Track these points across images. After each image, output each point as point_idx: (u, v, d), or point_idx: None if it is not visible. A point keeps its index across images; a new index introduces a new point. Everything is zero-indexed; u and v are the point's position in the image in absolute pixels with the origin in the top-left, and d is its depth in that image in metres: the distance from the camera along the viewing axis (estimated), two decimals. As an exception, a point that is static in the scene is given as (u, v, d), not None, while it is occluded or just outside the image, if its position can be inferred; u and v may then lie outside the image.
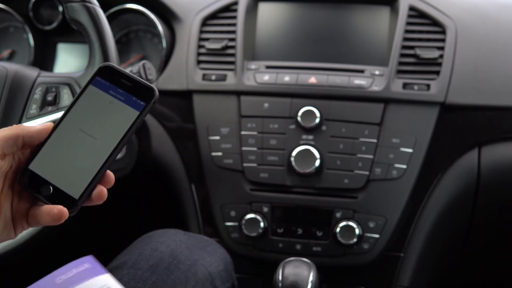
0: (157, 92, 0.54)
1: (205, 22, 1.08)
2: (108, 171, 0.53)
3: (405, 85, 0.98)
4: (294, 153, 0.96)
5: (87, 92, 0.54)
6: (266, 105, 1.00)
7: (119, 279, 0.68)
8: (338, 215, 0.97)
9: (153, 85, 0.54)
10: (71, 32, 1.15)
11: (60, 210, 0.50)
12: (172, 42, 1.11)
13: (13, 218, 0.51)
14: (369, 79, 0.99)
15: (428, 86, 0.98)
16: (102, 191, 0.52)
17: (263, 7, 1.09)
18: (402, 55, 1.00)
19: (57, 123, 0.54)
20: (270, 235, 0.98)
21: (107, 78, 0.55)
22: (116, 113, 0.53)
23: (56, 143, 0.53)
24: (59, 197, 0.51)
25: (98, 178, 0.52)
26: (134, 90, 0.54)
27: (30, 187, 0.52)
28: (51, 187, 0.52)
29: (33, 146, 0.53)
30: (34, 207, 0.52)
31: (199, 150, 1.02)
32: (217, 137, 1.01)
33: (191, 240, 0.79)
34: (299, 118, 0.98)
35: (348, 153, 0.97)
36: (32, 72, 0.80)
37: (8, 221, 0.51)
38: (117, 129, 0.53)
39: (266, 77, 1.01)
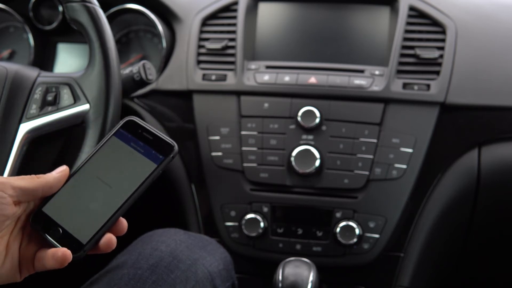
0: (176, 148, 0.56)
1: (205, 22, 1.09)
2: (122, 219, 0.54)
3: (405, 85, 0.98)
4: (294, 153, 0.96)
5: (108, 143, 0.56)
6: (266, 105, 1.00)
7: (119, 278, 0.68)
8: (338, 215, 0.97)
9: (173, 141, 0.56)
10: (71, 32, 1.16)
11: (63, 253, 0.50)
12: (172, 42, 1.11)
13: (20, 261, 0.52)
14: (369, 79, 0.99)
15: (428, 86, 0.98)
16: (111, 239, 0.52)
17: (263, 7, 1.09)
18: (402, 55, 1.00)
19: (75, 169, 0.55)
20: (270, 235, 0.98)
21: (129, 131, 0.57)
22: (134, 164, 0.55)
23: (71, 188, 0.54)
24: (67, 240, 0.52)
25: (108, 225, 0.53)
26: (154, 144, 0.56)
27: (41, 228, 0.52)
28: (60, 230, 0.52)
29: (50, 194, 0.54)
30: (41, 250, 0.52)
31: (199, 150, 1.02)
32: (217, 137, 1.01)
33: (191, 239, 0.79)
34: (299, 118, 0.98)
35: (348, 153, 0.97)
36: (32, 72, 0.80)
37: (15, 263, 0.51)
38: (133, 179, 0.54)
39: (266, 77, 1.01)
